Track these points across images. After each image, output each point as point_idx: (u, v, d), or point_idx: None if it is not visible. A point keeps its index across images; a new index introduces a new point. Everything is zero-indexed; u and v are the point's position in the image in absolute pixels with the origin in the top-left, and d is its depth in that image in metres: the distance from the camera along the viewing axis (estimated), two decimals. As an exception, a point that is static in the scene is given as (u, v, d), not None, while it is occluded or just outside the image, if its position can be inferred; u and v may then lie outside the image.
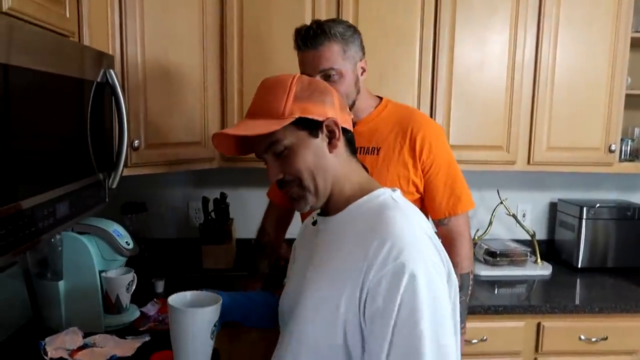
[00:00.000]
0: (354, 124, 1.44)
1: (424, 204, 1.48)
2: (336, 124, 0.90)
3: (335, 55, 1.36)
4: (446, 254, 0.89)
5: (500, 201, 2.22)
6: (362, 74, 1.43)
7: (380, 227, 0.83)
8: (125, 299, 1.58)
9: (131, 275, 1.58)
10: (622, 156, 2.17)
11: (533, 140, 2.04)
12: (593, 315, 1.86)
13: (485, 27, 1.97)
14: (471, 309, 1.81)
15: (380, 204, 0.89)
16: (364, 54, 1.45)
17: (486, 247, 2.24)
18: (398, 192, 0.93)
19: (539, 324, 1.86)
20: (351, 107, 1.42)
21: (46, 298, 1.50)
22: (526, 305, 1.85)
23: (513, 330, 1.85)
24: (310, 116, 0.88)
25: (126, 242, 1.55)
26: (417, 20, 1.94)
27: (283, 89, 0.89)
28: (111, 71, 1.25)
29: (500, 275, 2.15)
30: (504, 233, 2.42)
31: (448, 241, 1.47)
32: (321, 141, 0.90)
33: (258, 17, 1.90)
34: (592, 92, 2.04)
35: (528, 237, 2.34)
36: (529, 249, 2.25)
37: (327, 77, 1.36)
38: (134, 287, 1.61)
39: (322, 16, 1.89)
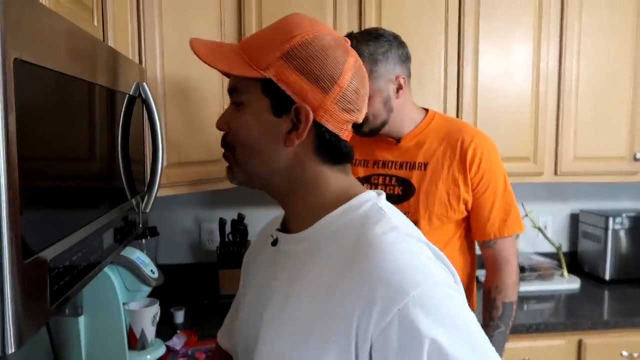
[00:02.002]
0: (398, 140, 1.37)
1: (469, 222, 1.39)
2: (307, 116, 0.66)
3: None
4: (444, 256, 0.70)
5: (525, 213, 2.17)
6: (397, 91, 1.31)
7: (368, 256, 0.62)
8: (151, 333, 1.44)
9: (156, 307, 1.45)
10: (646, 165, 2.14)
11: (560, 151, 2.00)
12: (635, 330, 1.80)
13: (508, 38, 1.94)
14: (512, 328, 1.73)
15: (362, 218, 0.68)
16: (403, 66, 1.32)
17: (513, 261, 2.17)
18: (383, 196, 0.74)
19: (580, 341, 1.79)
20: (381, 127, 1.33)
21: (64, 336, 1.36)
22: (568, 322, 1.77)
23: (554, 349, 1.78)
24: (281, 86, 0.66)
25: (151, 270, 1.42)
26: (441, 31, 1.89)
27: (285, 36, 0.67)
28: (144, 84, 1.14)
29: (529, 291, 2.08)
30: (526, 246, 2.36)
31: (493, 266, 1.38)
32: (282, 123, 0.68)
33: (278, 29, 1.82)
34: (615, 101, 2.02)
35: (551, 250, 2.29)
36: (556, 262, 2.20)
37: None
38: (157, 320, 1.48)
39: (344, 28, 1.82)
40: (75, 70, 0.74)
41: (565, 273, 2.19)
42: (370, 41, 1.28)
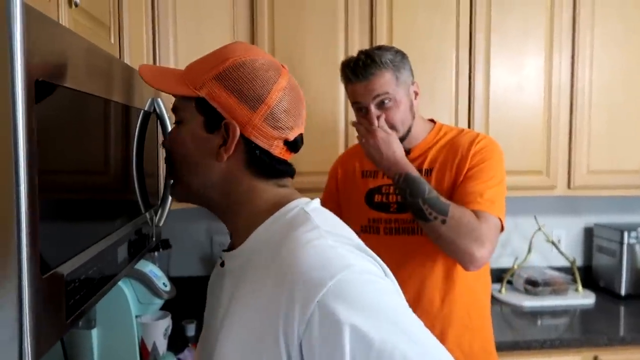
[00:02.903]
0: (408, 152, 1.39)
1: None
2: (234, 132, 0.70)
3: (388, 82, 1.30)
4: (373, 253, 0.71)
5: (538, 227, 2.15)
6: (415, 98, 1.37)
7: (286, 257, 0.65)
8: (162, 346, 1.45)
9: (168, 320, 1.46)
10: (661, 178, 2.11)
11: (573, 164, 1.99)
12: (652, 347, 1.77)
13: (520, 51, 1.94)
14: (526, 344, 1.71)
15: (289, 223, 0.70)
16: (413, 77, 1.39)
17: (526, 276, 2.15)
18: (316, 201, 0.76)
19: (595, 358, 1.76)
20: (407, 133, 1.36)
21: (77, 348, 1.37)
22: (583, 338, 1.75)
23: (569, 365, 1.75)
24: (213, 103, 0.70)
25: (163, 283, 1.43)
26: (452, 45, 1.90)
27: (219, 59, 0.72)
28: (159, 100, 1.16)
29: (543, 306, 2.05)
30: (539, 260, 2.33)
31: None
32: (213, 139, 0.72)
33: (289, 45, 1.83)
34: (629, 113, 2.01)
35: (565, 264, 2.26)
36: (570, 277, 2.17)
37: (381, 103, 1.30)
38: (169, 332, 1.48)
39: (355, 43, 1.84)
40: (93, 88, 0.76)
41: (580, 288, 2.16)
42: (388, 51, 1.34)
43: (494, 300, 2.12)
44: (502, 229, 1.30)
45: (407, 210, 1.32)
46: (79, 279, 0.69)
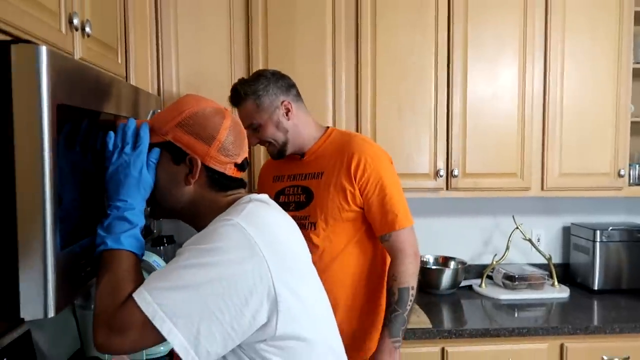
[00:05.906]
0: (302, 155, 1.60)
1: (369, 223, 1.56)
2: (197, 162, 0.95)
3: (250, 111, 1.52)
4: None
5: (516, 226, 2.30)
6: (287, 114, 1.54)
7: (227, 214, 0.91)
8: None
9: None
10: (631, 180, 2.25)
11: (545, 167, 2.14)
12: (614, 336, 1.91)
13: (495, 62, 2.10)
14: (495, 332, 1.87)
15: (237, 205, 0.95)
16: (287, 93, 1.56)
17: (504, 271, 2.30)
18: (265, 196, 1.01)
19: (562, 345, 1.90)
20: (283, 147, 1.56)
21: (89, 328, 1.56)
22: (548, 327, 1.90)
23: (536, 352, 1.90)
24: (177, 144, 0.95)
25: (165, 272, 1.62)
26: (431, 60, 2.06)
27: (177, 111, 0.97)
28: (159, 111, 1.35)
29: (519, 299, 2.20)
30: (519, 257, 2.48)
31: (391, 257, 1.54)
32: (181, 170, 0.96)
33: (283, 58, 2.01)
34: (599, 120, 2.15)
35: (544, 261, 2.40)
36: (546, 273, 2.32)
37: (253, 129, 1.53)
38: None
39: (342, 59, 2.01)
40: (103, 106, 0.95)
41: (556, 283, 2.31)
42: (251, 82, 1.55)
43: (475, 293, 2.28)
44: (410, 221, 1.54)
45: (303, 209, 1.56)
46: (89, 256, 0.88)
